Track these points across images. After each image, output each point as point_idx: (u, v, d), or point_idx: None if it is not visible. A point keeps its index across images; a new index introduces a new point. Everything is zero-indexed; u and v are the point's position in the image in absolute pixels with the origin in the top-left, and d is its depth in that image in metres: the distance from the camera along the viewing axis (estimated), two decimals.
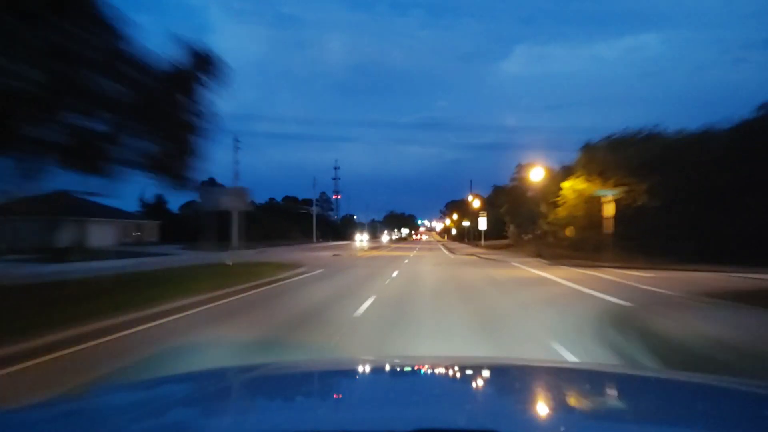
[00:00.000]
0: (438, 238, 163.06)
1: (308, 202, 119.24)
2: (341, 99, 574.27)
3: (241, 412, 1.50)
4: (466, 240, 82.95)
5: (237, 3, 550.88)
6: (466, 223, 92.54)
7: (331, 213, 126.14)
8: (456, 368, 2.16)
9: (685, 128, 27.34)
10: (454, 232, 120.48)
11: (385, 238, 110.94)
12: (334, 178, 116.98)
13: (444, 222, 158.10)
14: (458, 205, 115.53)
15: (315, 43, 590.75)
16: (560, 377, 2.05)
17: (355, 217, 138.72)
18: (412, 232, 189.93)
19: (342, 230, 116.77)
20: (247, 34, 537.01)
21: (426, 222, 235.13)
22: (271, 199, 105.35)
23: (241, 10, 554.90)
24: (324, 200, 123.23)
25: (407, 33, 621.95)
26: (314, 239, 79.46)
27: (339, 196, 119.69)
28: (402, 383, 2.01)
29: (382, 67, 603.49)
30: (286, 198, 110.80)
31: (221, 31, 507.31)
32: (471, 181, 70.12)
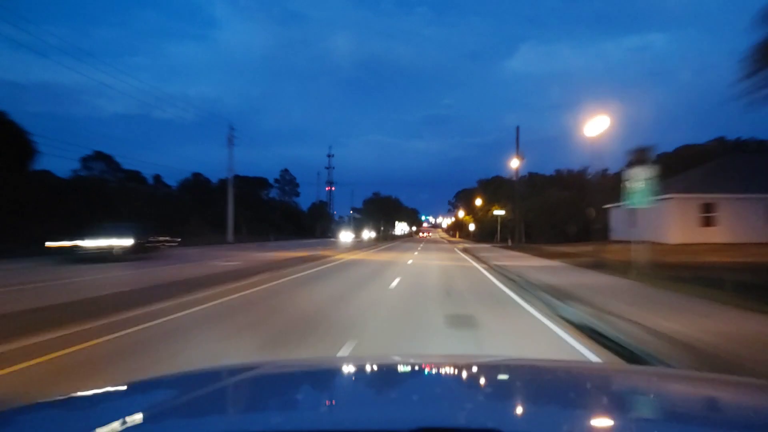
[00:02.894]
0: (445, 236, 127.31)
1: (264, 183, 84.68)
2: (347, 95, 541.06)
3: (241, 411, 1.48)
4: (510, 241, 45.48)
5: None
6: (499, 212, 56.32)
7: (297, 199, 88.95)
8: (457, 367, 2.10)
9: None
10: (472, 227, 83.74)
11: (346, 237, 58.78)
12: (327, 167, 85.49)
13: (456, 215, 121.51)
14: (482, 189, 79.25)
15: (321, 39, 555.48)
16: (562, 376, 1.99)
17: (351, 212, 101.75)
18: (413, 228, 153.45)
19: (309, 223, 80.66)
20: (253, 31, 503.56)
21: (431, 218, 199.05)
22: (197, 174, 68.77)
23: (247, 6, 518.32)
24: (287, 181, 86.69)
25: (413, 31, 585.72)
26: (228, 236, 42.73)
27: (333, 188, 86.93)
28: (403, 382, 1.95)
29: (387, 65, 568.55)
30: (238, 178, 71.79)
31: (227, 27, 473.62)
32: (518, 129, 32.83)
